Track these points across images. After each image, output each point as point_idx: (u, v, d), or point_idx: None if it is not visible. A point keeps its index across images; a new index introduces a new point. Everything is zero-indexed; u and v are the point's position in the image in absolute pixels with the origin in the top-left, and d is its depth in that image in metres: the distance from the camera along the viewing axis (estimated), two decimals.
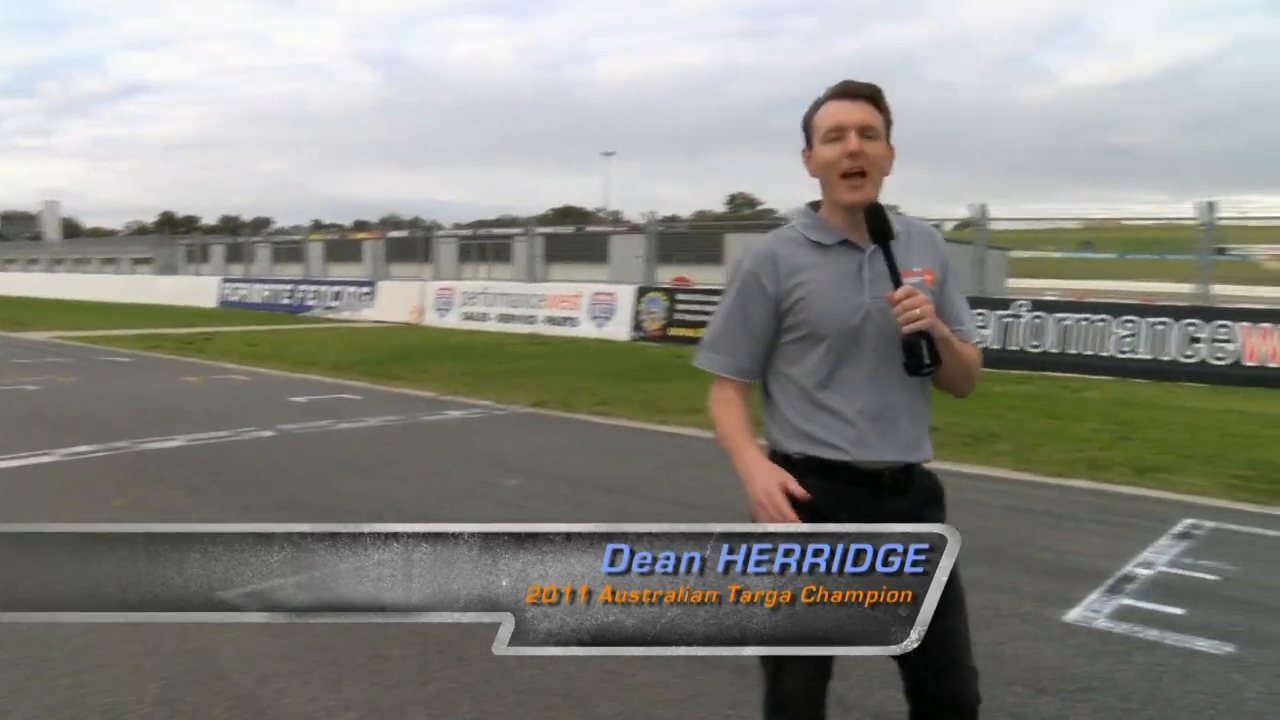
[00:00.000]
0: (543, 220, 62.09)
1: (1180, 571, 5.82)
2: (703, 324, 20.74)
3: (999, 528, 6.64)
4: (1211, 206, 16.99)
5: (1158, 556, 6.11)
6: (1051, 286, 35.11)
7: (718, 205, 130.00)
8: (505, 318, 25.68)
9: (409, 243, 38.86)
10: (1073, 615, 5.05)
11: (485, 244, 40.88)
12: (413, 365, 16.69)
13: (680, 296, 22.37)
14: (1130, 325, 16.06)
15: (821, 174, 2.51)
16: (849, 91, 2.48)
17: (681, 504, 7.36)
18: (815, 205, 2.59)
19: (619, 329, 22.88)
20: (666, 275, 26.66)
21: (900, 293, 2.36)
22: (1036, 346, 16.82)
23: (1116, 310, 16.54)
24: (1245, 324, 15.36)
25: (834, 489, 2.45)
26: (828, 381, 2.48)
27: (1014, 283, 36.88)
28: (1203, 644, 4.66)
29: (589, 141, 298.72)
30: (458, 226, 57.98)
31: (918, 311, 2.34)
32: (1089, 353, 16.29)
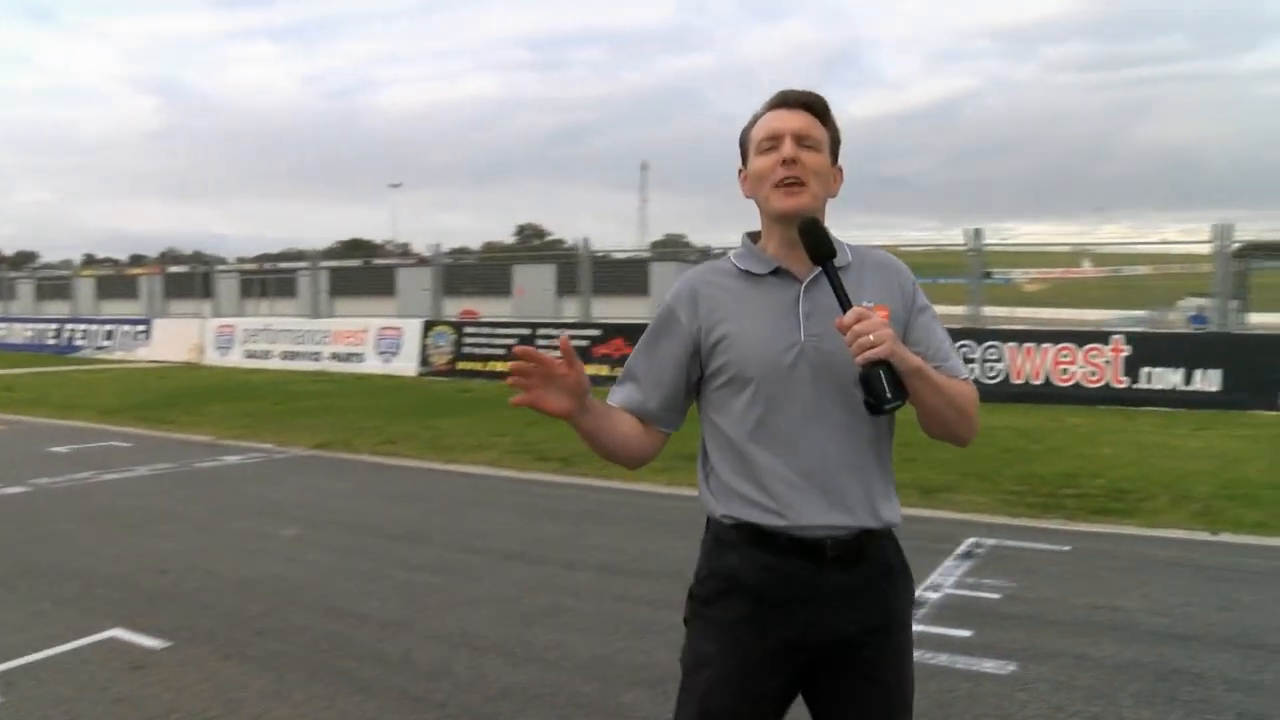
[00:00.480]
0: (329, 253, 60.45)
1: (965, 592, 5.92)
2: (492, 357, 20.75)
3: None
4: (978, 233, 17.75)
5: (944, 579, 6.20)
6: None
7: (507, 236, 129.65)
8: (289, 355, 24.71)
9: (188, 278, 37.19)
10: None
11: (268, 279, 39.52)
12: (189, 408, 15.81)
13: (468, 330, 22.00)
14: None
15: (755, 191, 2.22)
16: (787, 100, 2.21)
17: (468, 549, 7.10)
18: (755, 236, 2.30)
19: (406, 364, 22.31)
20: (455, 308, 26.25)
21: (850, 316, 1.98)
22: None
23: None
24: (1012, 344, 16.05)
25: (771, 563, 2.14)
26: (757, 432, 2.15)
27: None
28: (989, 665, 4.72)
29: (377, 172, 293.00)
30: (241, 261, 55.78)
31: (872, 338, 1.95)
32: None
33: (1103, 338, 15.87)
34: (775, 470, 2.13)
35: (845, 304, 2.03)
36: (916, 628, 5.23)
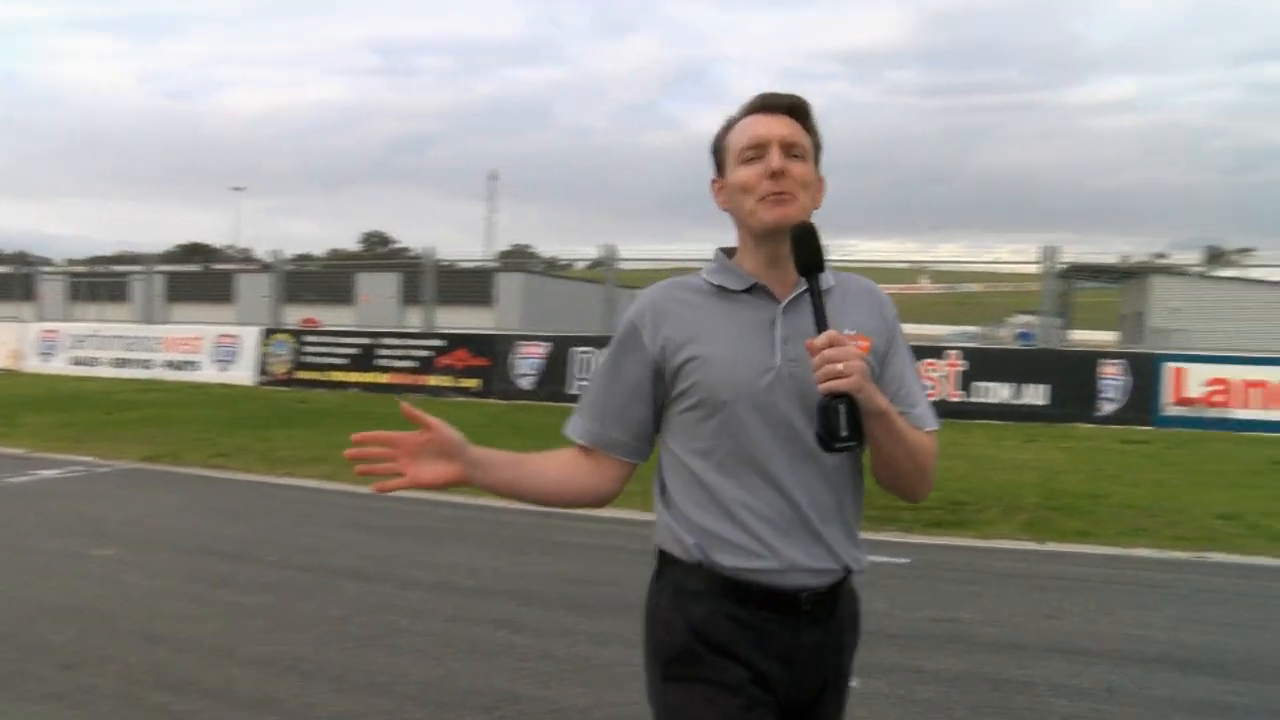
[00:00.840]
0: (166, 257, 58.24)
1: None
2: (332, 366, 20.19)
3: (635, 575, 6.49)
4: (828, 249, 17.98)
5: None
6: None
7: (353, 243, 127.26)
8: (119, 362, 23.58)
9: (8, 280, 35.23)
10: None
11: (99, 283, 37.74)
12: (2, 418, 14.86)
13: (308, 338, 21.37)
14: None
15: (735, 203, 2.00)
16: (770, 104, 2.00)
17: (299, 567, 6.79)
18: (729, 251, 2.09)
19: (243, 373, 21.53)
20: (296, 316, 25.48)
21: (823, 339, 1.79)
22: None
23: None
24: None
25: (745, 616, 1.92)
26: (729, 462, 1.93)
27: None
28: None
29: (219, 176, 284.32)
30: (71, 263, 53.36)
31: (841, 366, 1.76)
32: None
33: (939, 352, 16.33)
34: (750, 505, 1.92)
35: (821, 324, 1.84)
36: None
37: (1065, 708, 4.43)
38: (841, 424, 1.77)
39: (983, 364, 16.06)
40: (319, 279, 37.46)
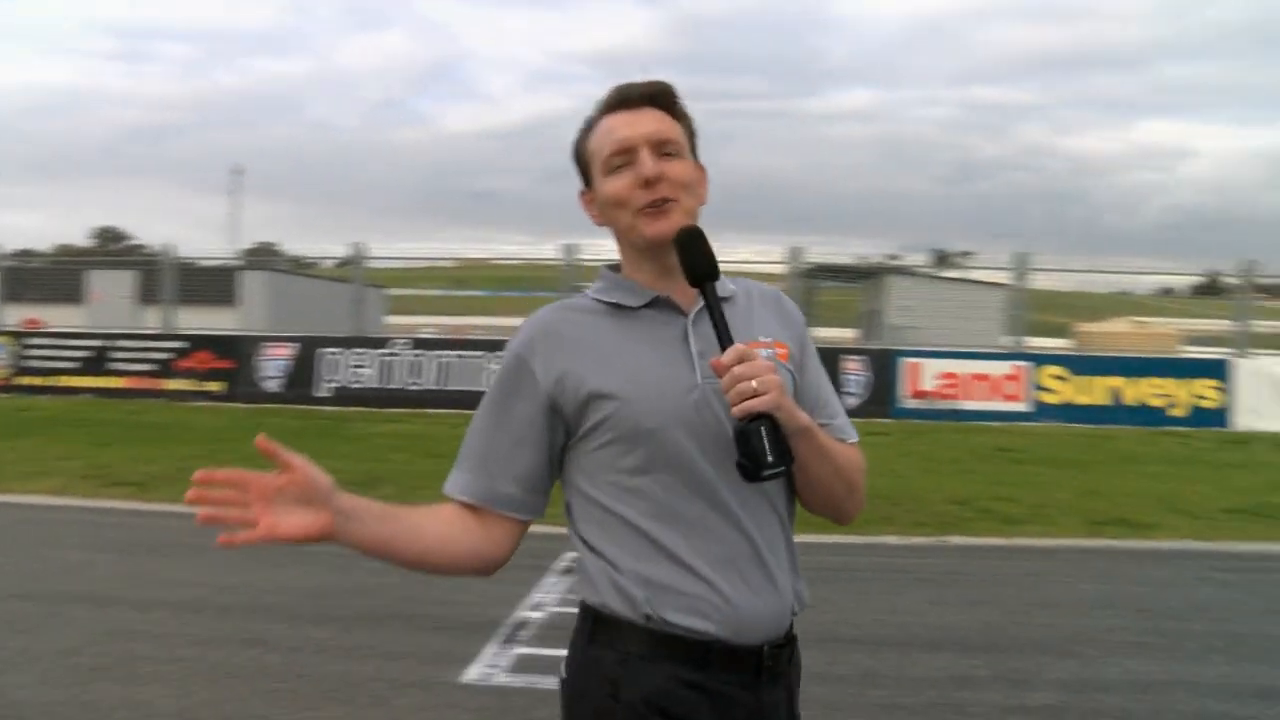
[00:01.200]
0: None
1: (571, 610, 5.70)
2: (59, 371, 18.73)
3: (386, 584, 6.20)
4: (570, 249, 17.99)
5: (546, 596, 6.06)
6: (429, 323, 35.88)
7: (83, 239, 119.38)
8: None
9: None
10: (472, 674, 4.78)
11: None
12: None
13: (31, 341, 19.74)
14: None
15: (610, 218, 1.75)
16: (628, 98, 1.73)
17: (21, 594, 6.13)
18: (615, 268, 1.82)
19: None
20: (17, 316, 23.55)
21: (729, 355, 1.55)
22: (416, 384, 16.77)
23: (492, 346, 16.90)
24: None
25: (705, 681, 1.64)
26: (667, 504, 1.65)
27: (393, 320, 37.19)
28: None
29: None
30: None
31: (755, 384, 1.53)
32: (467, 388, 16.43)
33: None
34: (699, 548, 1.64)
35: (725, 339, 1.61)
36: (523, 650, 5.11)
37: (825, 695, 4.51)
38: (765, 448, 1.54)
39: None
40: (44, 276, 34.85)
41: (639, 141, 1.68)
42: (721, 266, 1.68)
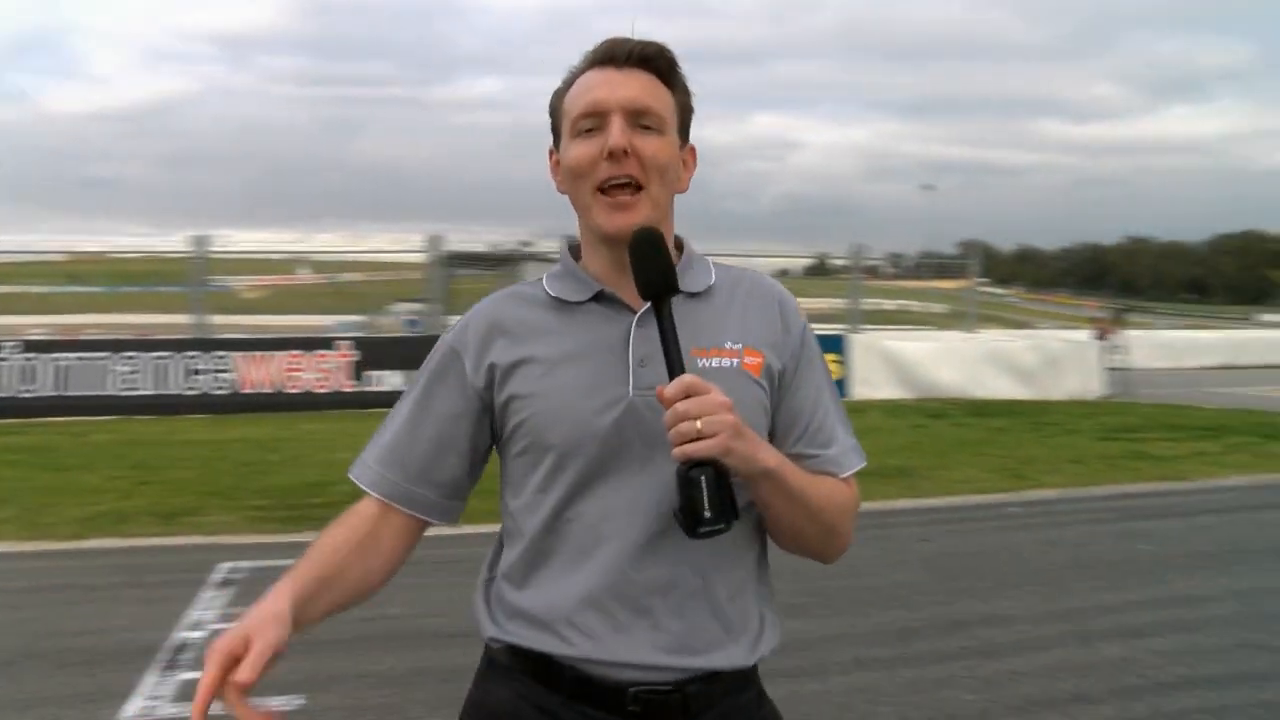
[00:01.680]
0: None
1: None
2: None
3: (19, 619, 5.61)
4: (201, 240, 16.94)
5: (206, 613, 5.68)
6: (39, 324, 32.72)
7: None
8: None
9: None
10: (132, 711, 4.36)
11: None
12: None
13: None
14: (132, 361, 15.28)
15: (571, 189, 1.53)
16: (615, 54, 1.50)
17: None
18: (576, 247, 1.61)
19: None
20: None
21: (674, 388, 1.33)
22: (30, 391, 15.14)
23: (117, 346, 15.62)
24: (240, 353, 15.65)
25: (552, 706, 1.47)
26: (558, 524, 1.48)
27: None
28: (277, 701, 4.22)
29: None
30: None
31: (700, 425, 1.31)
32: (90, 393, 15.05)
33: (329, 343, 16.15)
34: (578, 581, 1.47)
35: (675, 364, 1.38)
36: (188, 675, 4.73)
37: None
38: (705, 501, 1.31)
39: (374, 353, 16.10)
40: None
41: (613, 106, 1.47)
42: (354, 257, 1.57)
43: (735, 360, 1.51)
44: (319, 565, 1.49)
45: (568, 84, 1.55)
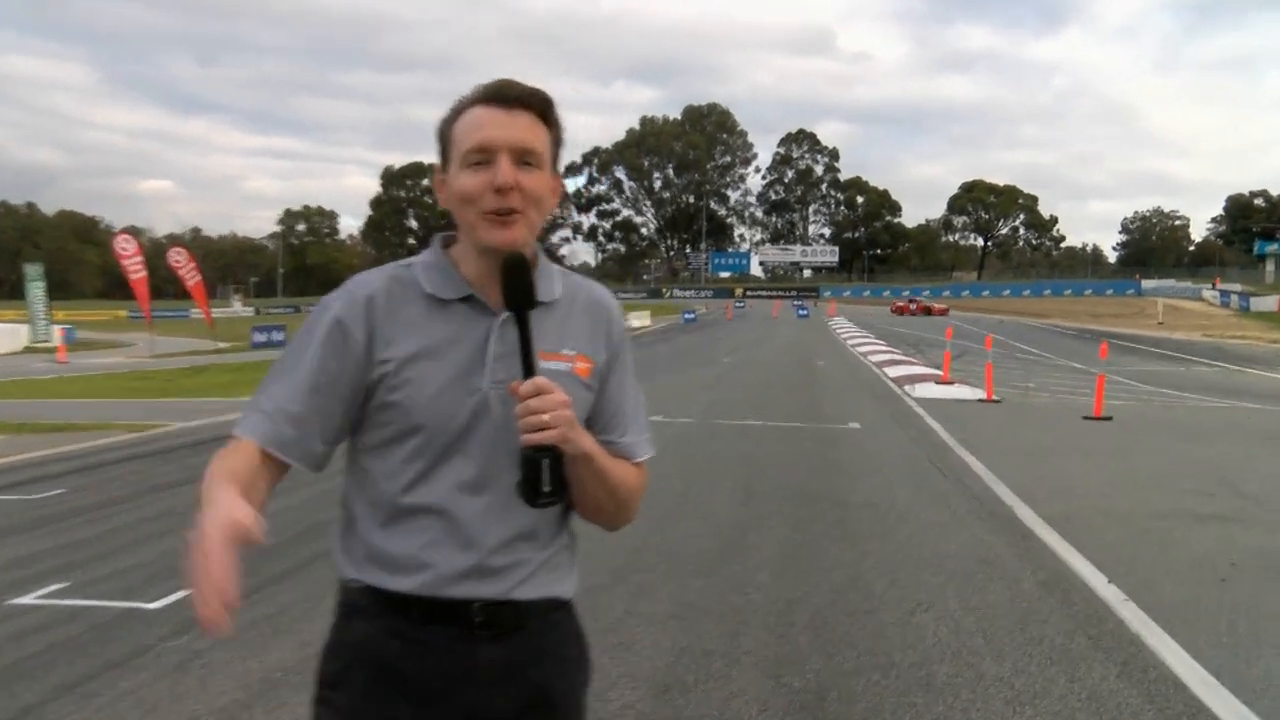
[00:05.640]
0: None
1: None
2: None
3: None
4: None
5: None
6: None
7: None
8: None
9: None
10: None
11: None
12: None
13: None
14: None
15: (456, 210, 1.71)
16: (505, 96, 1.68)
17: None
18: (449, 240, 1.78)
19: None
20: None
21: (528, 386, 1.60)
22: None
23: None
24: None
25: (408, 631, 1.68)
26: (415, 488, 1.68)
27: None
28: None
29: None
30: None
31: (547, 418, 1.58)
32: None
33: None
34: (427, 530, 1.68)
35: (529, 367, 1.64)
36: None
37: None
38: (545, 478, 1.63)
39: None
40: None
41: (502, 146, 1.66)
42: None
43: (570, 365, 1.75)
44: (239, 486, 1.55)
45: (456, 113, 1.72)
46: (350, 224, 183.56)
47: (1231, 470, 10.12)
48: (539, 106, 1.70)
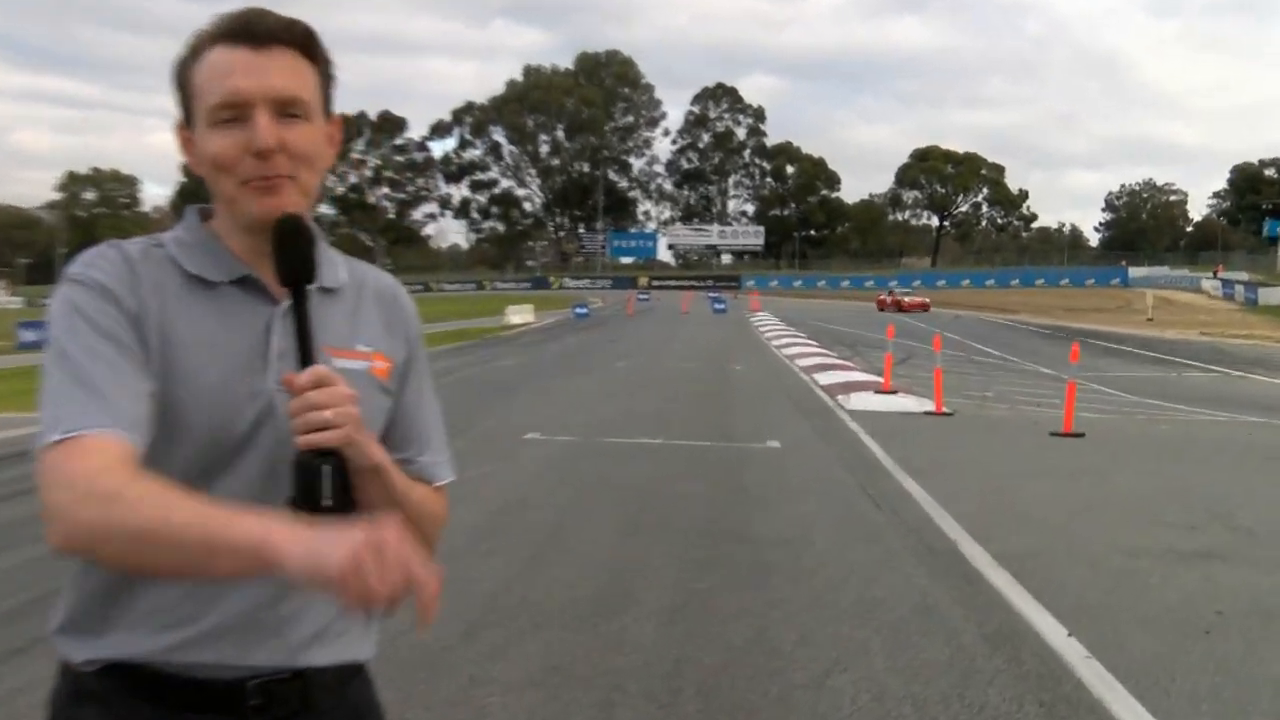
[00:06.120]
0: None
1: None
2: None
3: None
4: None
5: None
6: None
7: None
8: None
9: None
10: None
11: None
12: None
13: None
14: None
15: (208, 177, 1.60)
16: (254, 32, 1.56)
17: None
18: (208, 213, 1.68)
19: None
20: None
21: (306, 377, 1.49)
22: None
23: None
24: None
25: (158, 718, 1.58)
26: None
27: None
28: None
29: None
30: None
31: (330, 415, 1.48)
32: None
33: None
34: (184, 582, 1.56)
35: (307, 354, 1.56)
36: None
37: None
38: (325, 488, 1.52)
39: None
40: None
41: (258, 98, 1.56)
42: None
43: (367, 363, 1.71)
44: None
45: (194, 53, 1.62)
46: (157, 193, 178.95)
47: (1223, 498, 10.33)
48: (300, 40, 1.61)
